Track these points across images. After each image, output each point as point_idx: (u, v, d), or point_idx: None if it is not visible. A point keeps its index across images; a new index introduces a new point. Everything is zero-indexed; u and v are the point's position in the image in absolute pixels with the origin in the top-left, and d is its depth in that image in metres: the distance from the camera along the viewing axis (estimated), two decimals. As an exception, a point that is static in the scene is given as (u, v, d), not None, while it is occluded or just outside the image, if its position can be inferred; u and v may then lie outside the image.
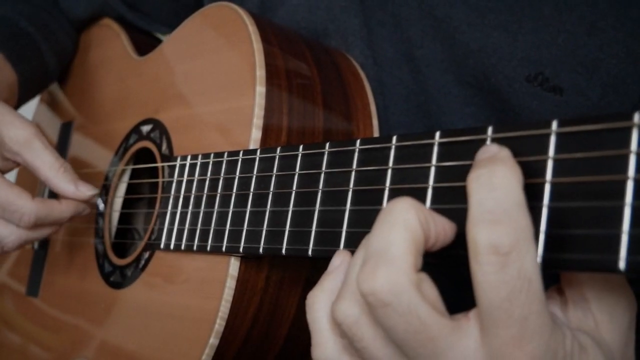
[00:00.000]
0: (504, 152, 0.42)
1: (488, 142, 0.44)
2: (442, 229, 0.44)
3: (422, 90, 0.81)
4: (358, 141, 0.55)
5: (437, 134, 0.48)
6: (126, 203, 0.95)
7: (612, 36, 0.66)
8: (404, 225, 0.42)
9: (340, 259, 0.51)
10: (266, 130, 0.70)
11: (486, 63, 0.74)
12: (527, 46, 0.71)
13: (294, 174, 0.60)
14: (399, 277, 0.41)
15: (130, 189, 0.95)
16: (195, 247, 0.71)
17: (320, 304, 0.49)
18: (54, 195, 1.04)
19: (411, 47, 0.80)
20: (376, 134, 0.80)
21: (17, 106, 1.03)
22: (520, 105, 0.72)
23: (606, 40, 0.67)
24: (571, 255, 0.38)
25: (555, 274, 0.81)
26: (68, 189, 0.82)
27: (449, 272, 0.51)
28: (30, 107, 1.18)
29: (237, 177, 0.67)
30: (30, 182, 1.12)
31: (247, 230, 0.64)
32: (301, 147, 0.61)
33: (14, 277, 1.12)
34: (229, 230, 0.67)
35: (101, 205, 0.88)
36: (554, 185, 0.40)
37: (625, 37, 0.66)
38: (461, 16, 0.74)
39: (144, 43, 1.03)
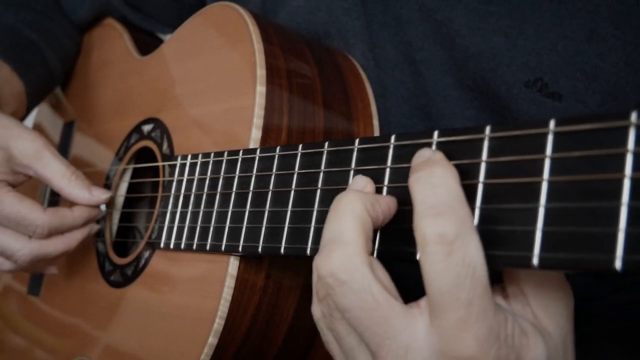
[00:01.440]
0: (438, 155, 0.46)
1: (485, 141, 0.44)
2: (387, 207, 0.49)
3: (423, 93, 0.81)
4: (357, 140, 0.55)
5: (436, 133, 0.48)
6: (127, 202, 0.95)
7: (612, 44, 0.66)
8: (352, 215, 0.47)
9: None
10: (266, 129, 0.70)
11: (485, 67, 0.74)
12: (527, 51, 0.71)
13: (293, 173, 0.60)
14: (352, 258, 0.46)
15: (131, 188, 0.95)
16: (194, 246, 0.71)
17: None
18: (53, 201, 1.04)
19: (412, 50, 0.80)
20: (377, 134, 0.80)
21: (25, 115, 1.04)
22: (519, 110, 0.72)
23: (606, 48, 0.67)
24: (568, 255, 0.38)
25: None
26: (82, 195, 0.82)
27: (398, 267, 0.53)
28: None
29: (236, 177, 0.67)
30: (31, 188, 1.12)
31: (246, 228, 0.65)
32: (300, 146, 0.61)
33: (16, 276, 1.12)
34: (229, 229, 0.67)
35: (102, 206, 0.88)
36: (551, 184, 0.40)
37: (625, 45, 0.66)
38: (461, 20, 0.74)
39: (146, 43, 1.03)
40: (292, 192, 0.60)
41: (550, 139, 0.41)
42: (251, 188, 0.65)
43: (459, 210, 0.42)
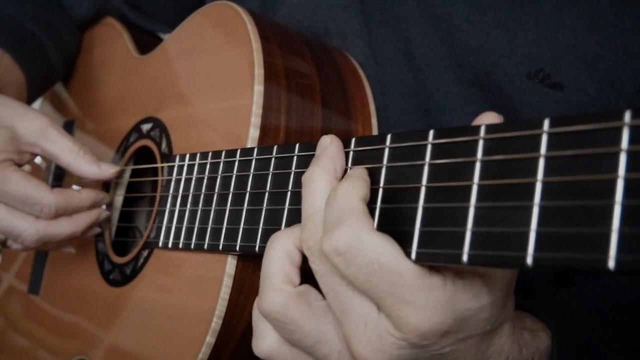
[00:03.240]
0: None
1: (480, 141, 0.44)
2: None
3: (422, 89, 0.81)
4: (353, 140, 0.55)
5: (431, 133, 0.48)
6: (128, 201, 0.95)
7: (611, 32, 0.67)
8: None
9: None
10: (264, 129, 0.70)
11: (486, 61, 0.74)
12: (528, 43, 0.71)
13: (290, 173, 0.60)
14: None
15: (130, 187, 0.95)
16: (192, 246, 0.71)
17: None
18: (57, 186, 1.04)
19: (411, 46, 0.80)
20: (375, 133, 0.80)
21: None
22: (521, 102, 0.72)
23: (605, 37, 0.67)
24: (561, 254, 0.38)
25: (552, 272, 0.81)
26: (91, 169, 0.82)
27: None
28: (33, 106, 1.19)
29: (234, 176, 0.67)
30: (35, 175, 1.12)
31: (243, 228, 0.65)
32: (297, 145, 0.61)
33: (16, 275, 1.12)
34: (226, 228, 0.67)
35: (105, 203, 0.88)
36: (545, 184, 0.40)
37: (623, 33, 0.66)
38: (461, 14, 0.74)
39: (146, 42, 1.03)
40: (289, 192, 0.60)
41: (544, 138, 0.41)
42: (248, 188, 0.65)
43: (348, 220, 0.46)
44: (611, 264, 0.36)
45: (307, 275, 0.54)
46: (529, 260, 0.40)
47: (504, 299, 0.49)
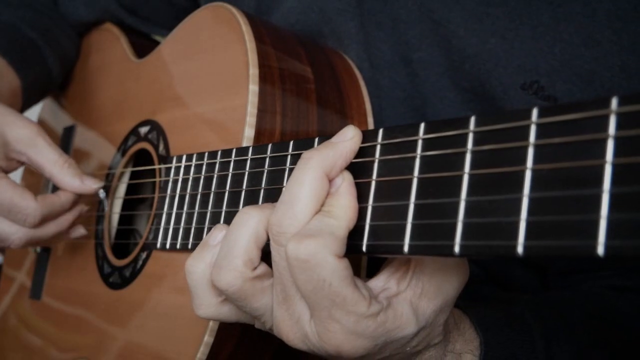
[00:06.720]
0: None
1: (470, 133, 0.44)
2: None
3: (419, 94, 0.81)
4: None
5: (422, 126, 0.48)
6: (128, 204, 0.95)
7: (608, 49, 0.66)
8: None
9: (222, 234, 0.57)
10: (259, 128, 0.70)
11: (482, 69, 0.73)
12: (524, 54, 0.71)
13: (284, 170, 0.60)
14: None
15: (130, 189, 0.95)
16: (190, 246, 0.71)
17: (199, 273, 0.58)
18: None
19: (409, 50, 0.80)
20: (371, 131, 0.80)
21: (21, 111, 1.04)
22: None
23: (602, 53, 0.66)
24: (551, 242, 0.38)
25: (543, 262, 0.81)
26: (73, 183, 0.83)
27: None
28: (33, 112, 1.19)
29: (230, 175, 0.68)
30: (35, 181, 1.12)
31: (239, 227, 0.64)
32: (291, 143, 0.61)
33: (18, 279, 1.13)
34: (222, 227, 0.67)
35: (101, 193, 0.89)
36: (534, 173, 0.40)
37: (621, 50, 0.66)
38: (459, 20, 0.74)
39: (143, 46, 1.04)
40: (284, 190, 0.60)
41: (533, 127, 0.41)
42: (244, 187, 0.65)
43: (324, 238, 0.48)
44: (600, 250, 0.36)
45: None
46: (520, 249, 0.40)
47: (430, 328, 0.53)
